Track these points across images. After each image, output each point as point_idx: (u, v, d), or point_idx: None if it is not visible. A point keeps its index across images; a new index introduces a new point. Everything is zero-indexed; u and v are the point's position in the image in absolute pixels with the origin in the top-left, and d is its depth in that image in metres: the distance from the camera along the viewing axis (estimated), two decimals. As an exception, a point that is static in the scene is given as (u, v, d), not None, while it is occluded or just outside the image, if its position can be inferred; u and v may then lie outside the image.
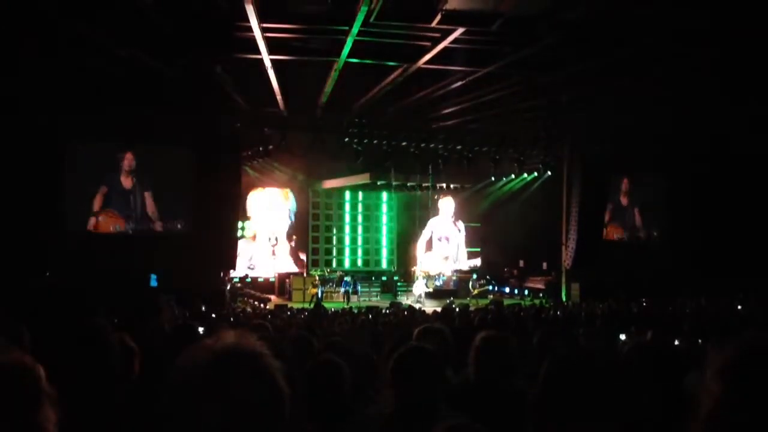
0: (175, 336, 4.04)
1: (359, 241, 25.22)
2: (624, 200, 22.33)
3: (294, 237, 23.22)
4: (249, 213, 22.53)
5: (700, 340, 4.93)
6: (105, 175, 17.03)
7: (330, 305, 17.62)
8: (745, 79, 13.46)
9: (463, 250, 23.69)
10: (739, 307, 12.14)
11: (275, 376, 1.20)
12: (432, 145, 20.19)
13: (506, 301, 17.33)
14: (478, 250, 23.82)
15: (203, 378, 1.14)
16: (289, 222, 23.40)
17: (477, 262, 22.84)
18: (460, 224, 24.00)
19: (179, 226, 17.53)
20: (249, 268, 22.24)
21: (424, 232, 23.88)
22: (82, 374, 2.20)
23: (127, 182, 17.26)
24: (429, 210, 24.29)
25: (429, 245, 23.75)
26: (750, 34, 10.78)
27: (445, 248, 23.64)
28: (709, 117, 16.36)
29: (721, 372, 1.35)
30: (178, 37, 11.51)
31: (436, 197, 23.78)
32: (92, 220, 16.92)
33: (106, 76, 13.79)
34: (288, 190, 23.31)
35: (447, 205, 23.96)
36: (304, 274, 21.93)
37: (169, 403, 1.15)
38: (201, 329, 4.52)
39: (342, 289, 20.91)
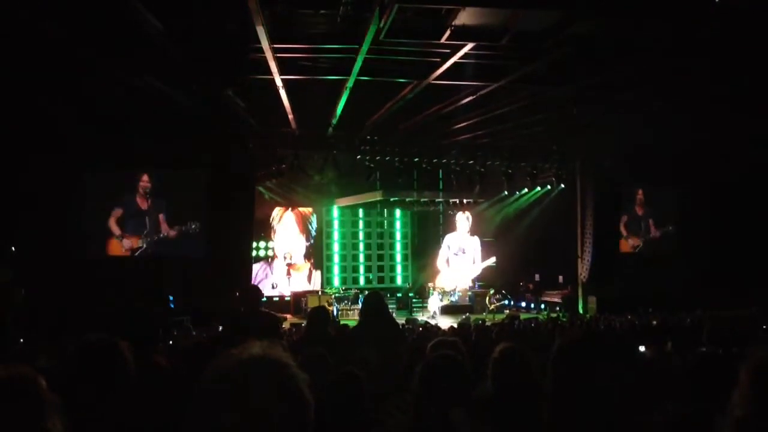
0: (195, 355, 4.06)
1: (373, 259, 25.20)
2: (639, 210, 22.26)
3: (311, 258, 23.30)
4: (273, 232, 22.72)
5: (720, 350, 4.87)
6: (121, 198, 17.25)
7: (346, 323, 17.56)
8: (756, 89, 13.40)
9: (479, 264, 23.69)
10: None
11: (300, 386, 1.21)
12: (444, 161, 20.22)
13: (523, 316, 17.22)
14: (494, 264, 23.80)
15: (229, 386, 1.16)
16: (309, 242, 23.45)
17: (492, 260, 22.85)
18: (476, 239, 23.96)
19: (193, 226, 17.59)
20: (272, 287, 22.27)
21: (441, 248, 23.90)
22: (97, 389, 2.23)
23: (143, 204, 17.45)
24: (442, 226, 24.31)
25: (447, 261, 23.76)
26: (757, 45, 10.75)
27: (461, 261, 23.63)
28: (723, 128, 16.26)
29: (756, 374, 1.35)
30: (189, 61, 11.64)
31: (451, 212, 23.83)
32: (108, 244, 17.10)
33: (119, 102, 13.97)
34: (311, 210, 23.41)
35: (464, 219, 23.95)
36: (320, 293, 21.93)
37: (194, 410, 1.16)
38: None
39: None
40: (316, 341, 4.90)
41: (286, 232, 23.09)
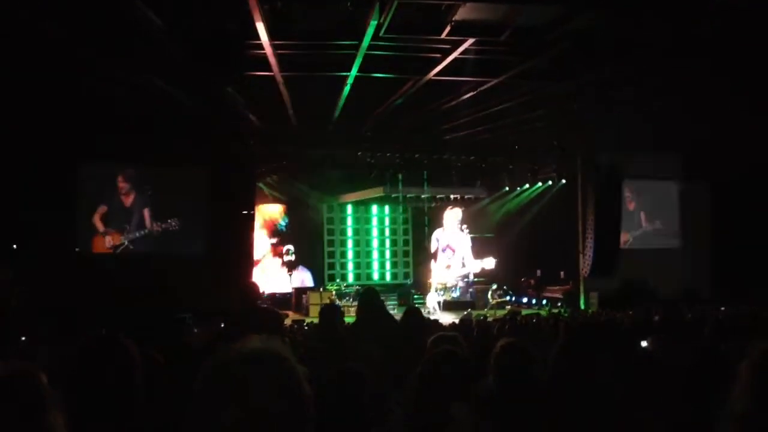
0: (200, 352, 4.07)
1: (375, 255, 25.21)
2: (630, 206, 22.32)
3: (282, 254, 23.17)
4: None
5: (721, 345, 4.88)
6: (106, 194, 17.30)
7: (348, 319, 17.58)
8: (756, 87, 13.36)
9: (470, 259, 23.54)
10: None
11: (300, 380, 1.21)
12: (445, 157, 20.19)
13: (524, 311, 17.20)
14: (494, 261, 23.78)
15: (228, 381, 1.15)
16: (275, 239, 23.28)
17: (490, 263, 22.67)
18: (466, 234, 23.80)
19: (173, 223, 17.56)
20: None
21: (431, 244, 23.88)
22: (99, 387, 2.24)
23: (127, 200, 17.47)
24: (442, 221, 24.29)
25: (435, 257, 23.68)
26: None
27: (449, 258, 23.49)
28: (724, 126, 16.22)
29: (757, 369, 1.35)
30: (190, 59, 11.62)
31: (451, 208, 23.77)
32: (93, 241, 17.16)
33: (120, 100, 13.96)
34: (282, 210, 23.25)
35: (452, 216, 23.84)
36: (321, 289, 21.93)
37: (195, 407, 1.16)
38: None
39: None
40: (326, 340, 4.91)
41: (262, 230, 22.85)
